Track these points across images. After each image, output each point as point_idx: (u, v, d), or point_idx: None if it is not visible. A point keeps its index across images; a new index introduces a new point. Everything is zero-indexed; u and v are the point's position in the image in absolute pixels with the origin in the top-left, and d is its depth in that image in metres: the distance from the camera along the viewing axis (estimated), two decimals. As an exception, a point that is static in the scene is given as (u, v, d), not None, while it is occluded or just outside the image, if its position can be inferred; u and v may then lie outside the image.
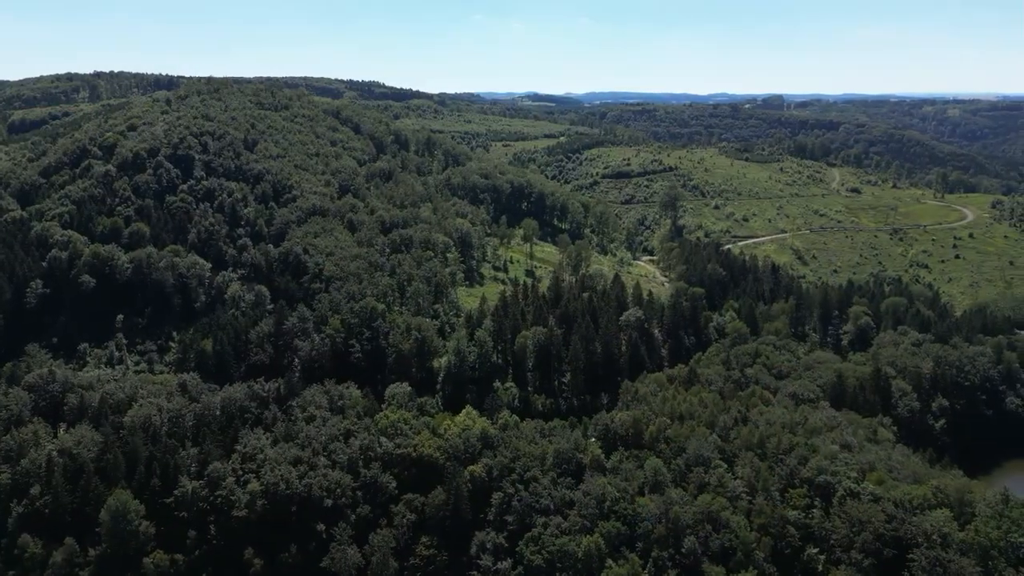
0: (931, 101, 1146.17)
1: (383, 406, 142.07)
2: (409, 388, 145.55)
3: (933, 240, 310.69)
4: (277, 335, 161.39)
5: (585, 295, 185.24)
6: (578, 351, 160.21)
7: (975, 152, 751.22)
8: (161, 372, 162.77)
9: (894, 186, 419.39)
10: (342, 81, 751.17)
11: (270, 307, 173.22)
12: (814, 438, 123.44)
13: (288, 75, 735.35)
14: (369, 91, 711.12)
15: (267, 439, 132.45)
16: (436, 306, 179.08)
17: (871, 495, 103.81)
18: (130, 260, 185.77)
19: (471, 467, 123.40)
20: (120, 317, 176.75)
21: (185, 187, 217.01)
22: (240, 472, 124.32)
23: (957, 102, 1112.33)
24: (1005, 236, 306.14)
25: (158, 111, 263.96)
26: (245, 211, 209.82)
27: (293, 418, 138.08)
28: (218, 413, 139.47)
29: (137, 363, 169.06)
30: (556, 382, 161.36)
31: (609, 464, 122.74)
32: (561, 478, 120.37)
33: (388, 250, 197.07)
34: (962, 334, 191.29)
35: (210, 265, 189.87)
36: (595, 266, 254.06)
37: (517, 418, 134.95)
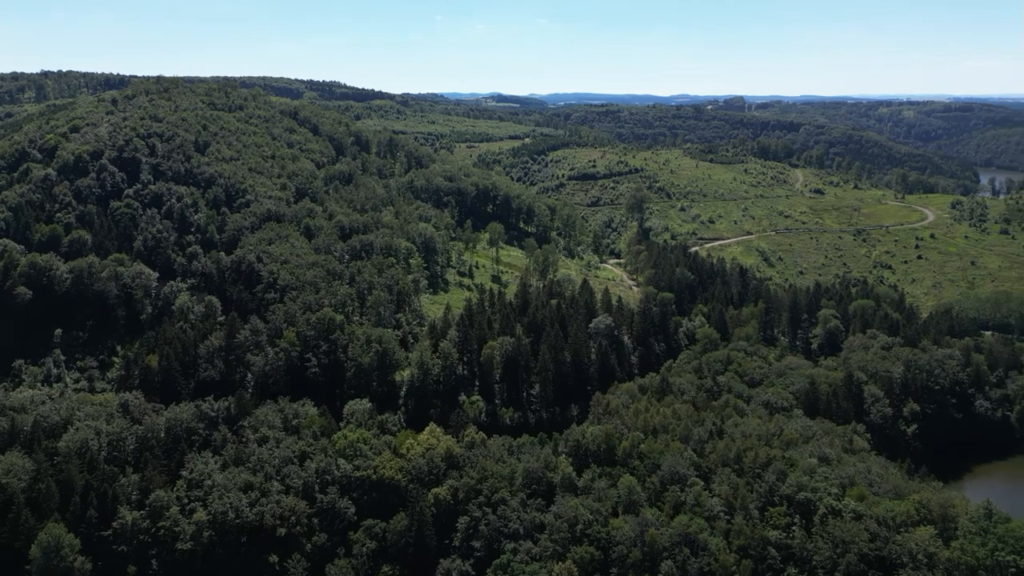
0: (887, 103, 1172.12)
1: (341, 424, 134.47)
2: (369, 404, 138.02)
3: (896, 241, 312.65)
4: (228, 349, 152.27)
5: (553, 302, 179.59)
6: (547, 361, 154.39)
7: (930, 152, 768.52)
8: (103, 390, 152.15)
9: (856, 187, 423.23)
10: (302, 81, 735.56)
11: (221, 319, 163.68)
12: (791, 451, 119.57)
13: (245, 75, 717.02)
14: (330, 91, 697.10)
15: (216, 463, 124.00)
16: (398, 315, 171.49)
17: (853, 512, 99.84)
18: (70, 270, 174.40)
19: (435, 489, 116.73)
20: (58, 331, 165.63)
21: (131, 192, 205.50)
22: (185, 500, 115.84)
23: (911, 104, 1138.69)
24: (966, 236, 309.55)
25: (103, 111, 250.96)
26: (195, 217, 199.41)
27: (244, 440, 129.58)
28: (163, 436, 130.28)
29: (77, 381, 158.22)
30: (525, 394, 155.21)
31: (581, 483, 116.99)
32: (531, 499, 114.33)
33: (347, 257, 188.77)
34: (930, 337, 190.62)
35: (157, 274, 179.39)
36: (563, 270, 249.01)
37: (484, 435, 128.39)
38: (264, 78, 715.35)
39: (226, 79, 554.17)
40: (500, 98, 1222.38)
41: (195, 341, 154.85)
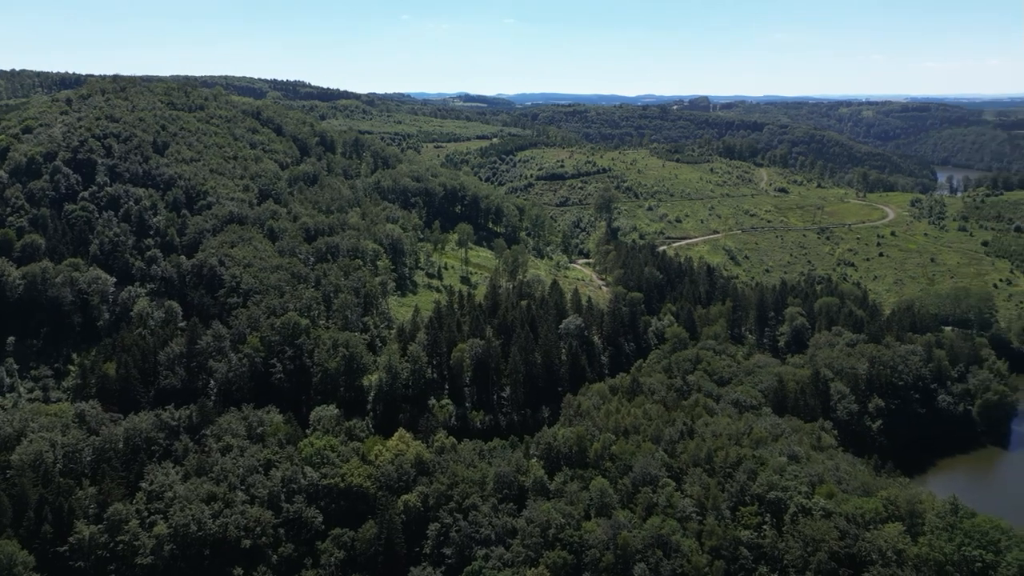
0: (846, 103, 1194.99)
1: (308, 431, 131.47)
2: (336, 410, 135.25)
3: (858, 239, 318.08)
4: (190, 356, 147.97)
5: (523, 303, 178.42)
6: (517, 363, 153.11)
7: (889, 151, 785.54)
8: (58, 400, 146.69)
9: (819, 185, 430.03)
10: (265, 80, 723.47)
11: (182, 325, 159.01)
12: (761, 449, 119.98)
13: (207, 74, 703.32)
14: (294, 91, 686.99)
15: (177, 474, 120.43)
16: (366, 319, 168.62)
17: (823, 510, 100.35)
18: (23, 275, 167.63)
19: (405, 496, 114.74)
20: (11, 340, 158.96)
21: (86, 194, 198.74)
22: (145, 513, 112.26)
23: (870, 104, 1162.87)
24: (925, 234, 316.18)
25: (57, 111, 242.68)
26: (154, 220, 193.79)
27: (207, 449, 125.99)
28: (121, 446, 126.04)
29: (31, 390, 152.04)
30: (495, 396, 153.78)
31: (553, 486, 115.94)
32: (503, 504, 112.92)
33: (313, 260, 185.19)
34: (893, 333, 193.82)
35: (114, 280, 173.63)
36: (532, 271, 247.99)
37: (454, 440, 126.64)
38: (226, 77, 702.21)
39: (186, 78, 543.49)
40: (467, 98, 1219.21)
41: (155, 348, 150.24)
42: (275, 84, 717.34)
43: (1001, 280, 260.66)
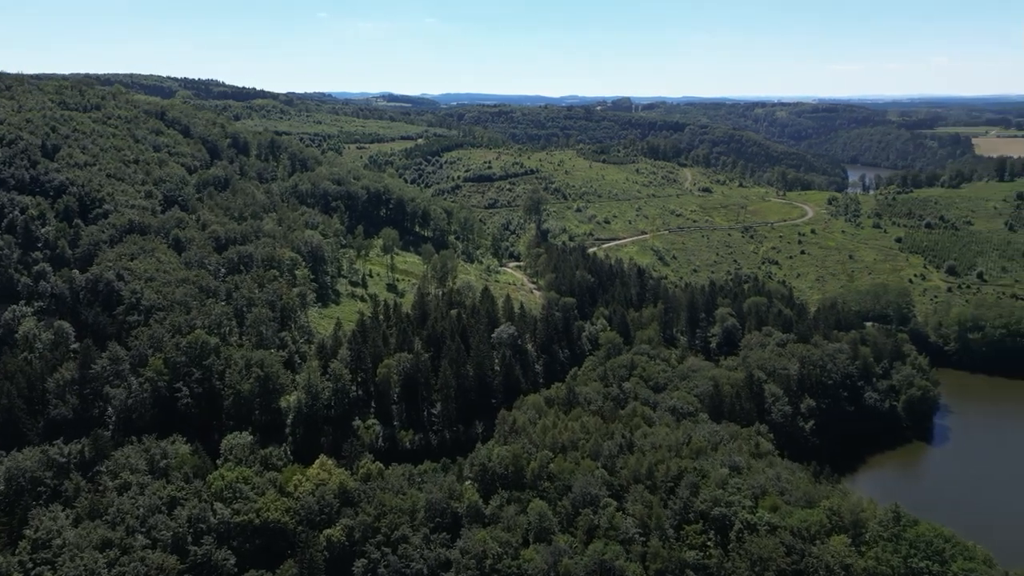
0: (761, 104, 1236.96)
1: (218, 462, 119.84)
2: (251, 437, 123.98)
3: (780, 237, 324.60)
4: (83, 382, 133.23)
5: (453, 312, 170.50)
6: (448, 377, 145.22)
7: (803, 150, 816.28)
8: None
9: (740, 185, 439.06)
10: (175, 79, 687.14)
11: (74, 347, 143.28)
12: (701, 460, 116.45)
13: (111, 72, 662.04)
14: (207, 90, 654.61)
15: (67, 518, 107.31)
16: (283, 334, 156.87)
17: (768, 525, 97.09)
18: None
19: (328, 531, 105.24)
20: None
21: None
22: (30, 564, 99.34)
23: (783, 105, 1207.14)
24: (842, 231, 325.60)
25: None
26: (43, 231, 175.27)
27: (101, 488, 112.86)
28: (2, 488, 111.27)
29: None
30: (425, 413, 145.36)
31: (488, 510, 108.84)
32: (435, 534, 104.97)
33: (223, 271, 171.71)
34: (820, 331, 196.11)
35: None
36: (462, 276, 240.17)
37: (381, 465, 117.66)
38: (132, 75, 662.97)
39: (87, 77, 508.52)
40: (391, 98, 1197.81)
41: (43, 374, 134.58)
42: (186, 83, 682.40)
43: (916, 276, 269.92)
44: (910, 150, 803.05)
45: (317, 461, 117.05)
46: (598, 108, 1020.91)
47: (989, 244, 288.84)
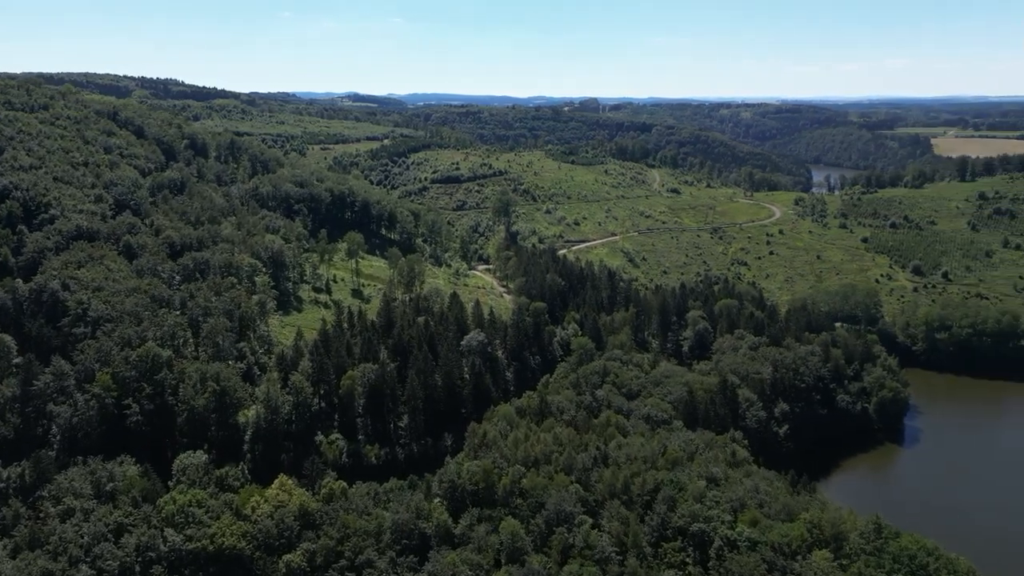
0: (726, 104, 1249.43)
1: (170, 484, 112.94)
2: (205, 456, 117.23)
3: (749, 238, 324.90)
4: (25, 399, 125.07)
5: (421, 320, 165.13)
6: (416, 388, 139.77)
7: (768, 151, 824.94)
8: None
9: (708, 185, 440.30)
10: (132, 78, 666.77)
11: (17, 361, 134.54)
12: (677, 471, 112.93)
13: (66, 71, 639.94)
14: (165, 90, 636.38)
15: (4, 548, 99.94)
16: (241, 344, 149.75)
17: (748, 540, 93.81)
18: None
19: (287, 556, 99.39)
20: None
21: None
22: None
23: (747, 105, 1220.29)
24: (810, 231, 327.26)
25: None
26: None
27: (43, 515, 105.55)
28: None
29: None
30: (392, 426, 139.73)
31: (458, 530, 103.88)
32: (402, 557, 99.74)
33: (178, 279, 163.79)
34: (791, 333, 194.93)
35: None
36: (430, 280, 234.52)
37: (344, 484, 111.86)
38: (87, 75, 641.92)
39: (39, 76, 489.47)
40: (357, 98, 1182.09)
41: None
42: (143, 82, 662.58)
43: (882, 276, 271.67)
44: (871, 150, 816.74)
45: (276, 481, 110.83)
46: (566, 109, 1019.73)
47: (953, 244, 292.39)
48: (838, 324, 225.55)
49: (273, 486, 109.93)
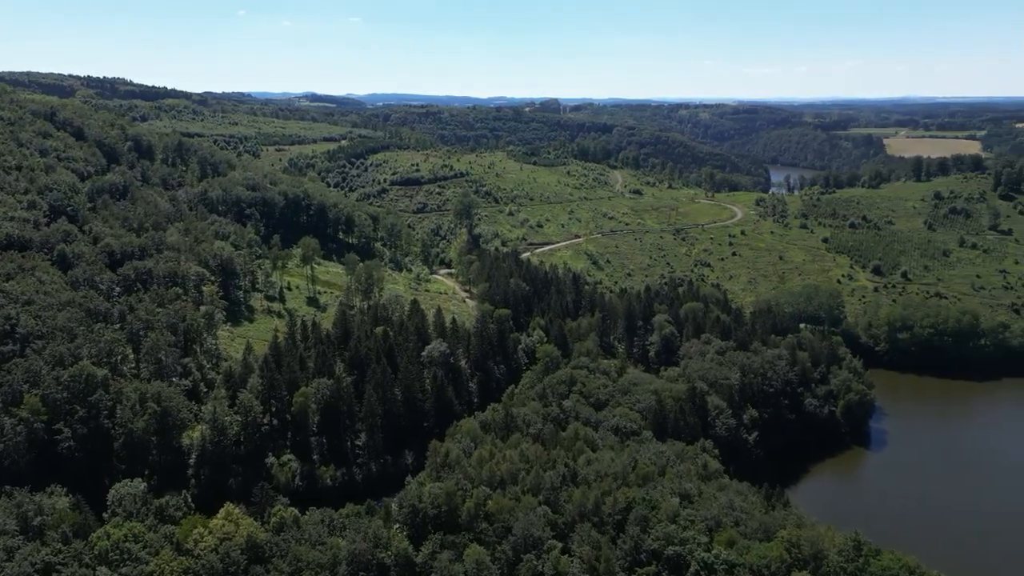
0: (685, 105, 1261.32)
1: (105, 516, 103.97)
2: (144, 485, 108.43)
3: (711, 239, 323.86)
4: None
5: (379, 330, 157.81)
6: (373, 403, 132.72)
7: (727, 151, 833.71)
8: None
9: (670, 186, 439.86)
10: (77, 77, 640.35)
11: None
12: (649, 488, 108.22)
13: (7, 70, 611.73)
14: (112, 89, 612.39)
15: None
16: (186, 360, 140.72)
17: (725, 563, 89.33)
18: None
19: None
20: None
21: None
22: None
23: (706, 106, 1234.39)
24: (771, 232, 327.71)
25: None
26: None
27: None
28: None
29: None
30: (349, 444, 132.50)
31: (420, 558, 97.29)
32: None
33: (118, 290, 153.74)
34: (758, 336, 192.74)
35: None
36: (390, 286, 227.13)
37: (296, 512, 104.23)
38: (29, 73, 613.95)
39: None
40: (315, 98, 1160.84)
41: None
42: (89, 81, 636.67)
43: (844, 276, 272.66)
44: (827, 150, 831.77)
45: (222, 510, 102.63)
46: (527, 109, 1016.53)
47: (911, 243, 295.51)
48: (802, 325, 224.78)
49: (218, 516, 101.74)
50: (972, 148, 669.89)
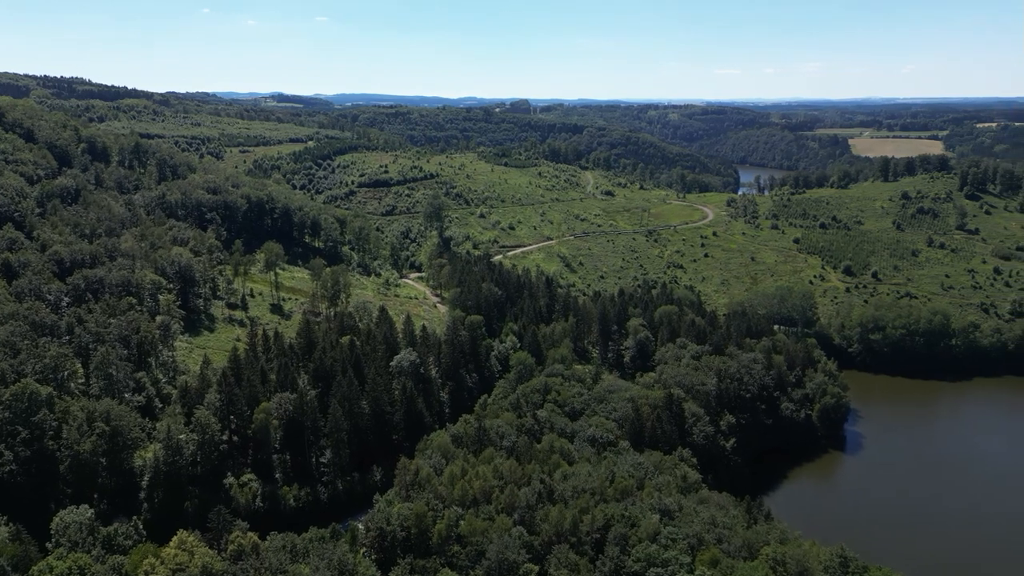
0: (654, 106, 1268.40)
1: (49, 546, 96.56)
2: (90, 512, 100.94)
3: (683, 240, 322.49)
4: None
5: (345, 339, 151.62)
6: (339, 418, 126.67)
7: (696, 151, 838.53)
8: None
9: (641, 187, 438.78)
10: (32, 77, 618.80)
11: None
12: (628, 503, 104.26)
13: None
14: (69, 89, 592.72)
15: None
16: (139, 375, 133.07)
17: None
18: None
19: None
20: None
21: None
22: None
23: (674, 107, 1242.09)
24: (743, 233, 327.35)
25: None
26: None
27: None
28: None
29: None
30: (314, 462, 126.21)
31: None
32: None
33: (66, 301, 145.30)
34: (733, 340, 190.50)
35: None
36: (357, 291, 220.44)
37: (256, 537, 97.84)
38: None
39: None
40: (282, 98, 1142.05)
41: None
42: (45, 81, 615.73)
43: (815, 277, 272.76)
44: (794, 151, 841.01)
45: (175, 538, 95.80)
46: (497, 110, 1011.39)
47: (880, 243, 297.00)
48: (776, 327, 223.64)
49: (171, 544, 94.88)
50: (935, 148, 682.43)
